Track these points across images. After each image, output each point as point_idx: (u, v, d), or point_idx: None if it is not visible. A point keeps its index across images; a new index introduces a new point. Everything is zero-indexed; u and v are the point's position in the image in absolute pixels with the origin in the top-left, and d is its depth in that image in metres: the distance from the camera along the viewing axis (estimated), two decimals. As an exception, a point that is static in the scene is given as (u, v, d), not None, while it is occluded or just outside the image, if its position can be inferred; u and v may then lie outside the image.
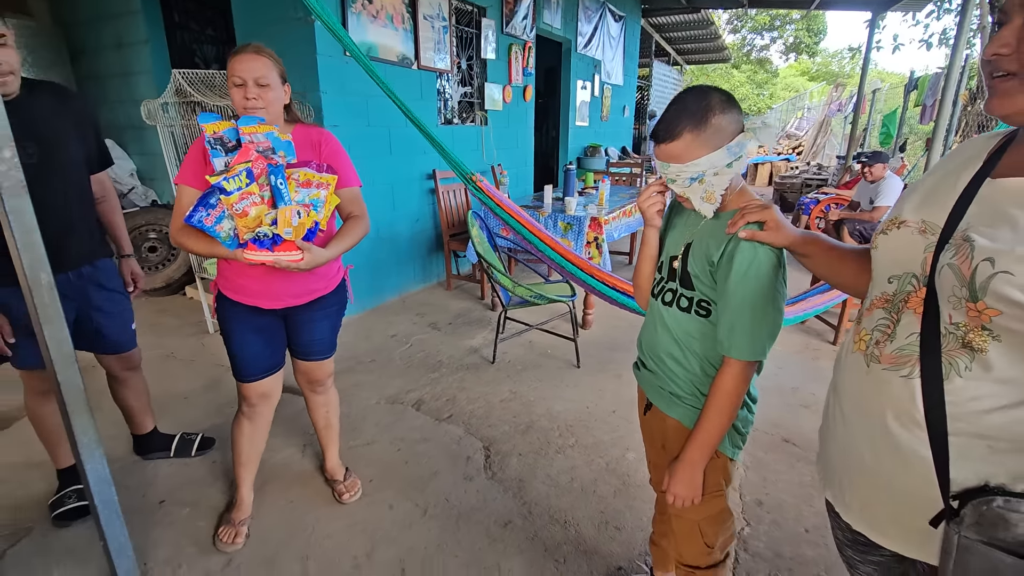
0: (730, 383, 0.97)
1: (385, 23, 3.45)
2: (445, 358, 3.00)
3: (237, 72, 1.37)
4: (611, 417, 2.42)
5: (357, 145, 3.42)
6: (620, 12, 7.01)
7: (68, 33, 4.03)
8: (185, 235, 1.41)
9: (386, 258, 3.85)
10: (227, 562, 1.61)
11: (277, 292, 1.53)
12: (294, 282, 1.53)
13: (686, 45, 11.32)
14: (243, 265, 1.45)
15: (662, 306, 1.10)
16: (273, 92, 1.41)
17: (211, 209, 1.31)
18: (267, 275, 1.49)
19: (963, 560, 0.64)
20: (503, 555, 1.65)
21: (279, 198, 1.32)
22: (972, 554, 0.63)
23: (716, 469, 1.07)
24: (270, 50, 1.45)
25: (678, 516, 1.13)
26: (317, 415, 1.87)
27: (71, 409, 1.25)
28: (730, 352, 0.96)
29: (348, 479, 1.91)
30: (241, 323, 1.56)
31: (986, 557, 0.62)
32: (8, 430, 2.26)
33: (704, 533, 1.11)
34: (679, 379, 1.09)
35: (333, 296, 1.67)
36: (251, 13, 3.20)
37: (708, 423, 1.00)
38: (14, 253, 1.13)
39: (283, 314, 1.60)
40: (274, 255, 1.32)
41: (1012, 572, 0.60)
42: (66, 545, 1.65)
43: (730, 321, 0.96)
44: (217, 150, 1.34)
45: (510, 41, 4.80)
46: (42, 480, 1.93)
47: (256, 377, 1.61)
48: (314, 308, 1.62)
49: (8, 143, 1.09)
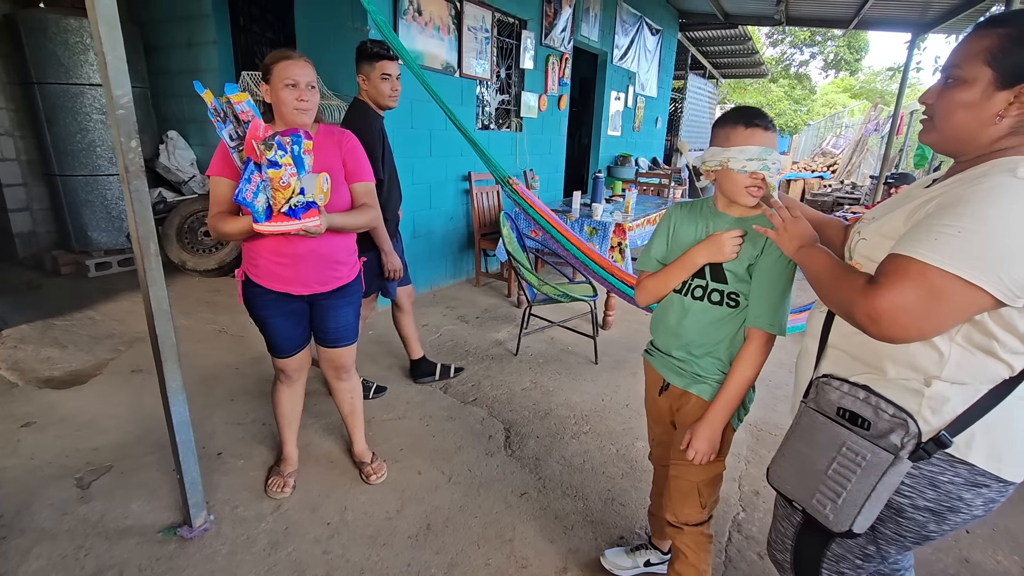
0: (756, 353, 1.19)
1: (432, 33, 3.69)
2: (472, 348, 3.21)
3: (292, 75, 1.51)
4: (624, 410, 2.58)
5: (400, 146, 3.67)
6: (657, 26, 7.16)
7: (143, 31, 4.40)
8: (220, 220, 1.53)
9: (421, 253, 4.08)
10: (277, 506, 1.84)
11: (306, 279, 1.65)
12: (321, 269, 1.66)
13: (723, 59, 11.34)
14: (276, 253, 1.59)
15: (692, 301, 1.26)
16: (317, 96, 1.59)
17: (248, 184, 1.38)
18: (298, 262, 1.61)
19: (799, 419, 0.99)
20: (518, 519, 1.84)
21: (300, 167, 1.38)
22: (804, 415, 0.97)
23: (726, 437, 1.27)
24: None
25: (680, 477, 1.31)
26: (342, 401, 1.97)
27: (164, 357, 1.49)
28: (762, 326, 1.16)
29: (375, 462, 2.04)
30: (272, 309, 1.69)
31: (810, 416, 0.96)
32: (86, 384, 2.55)
33: (701, 493, 1.29)
34: (705, 362, 1.27)
35: (355, 284, 1.80)
36: (312, 22, 3.48)
37: (733, 388, 1.20)
38: (132, 225, 1.38)
39: (309, 300, 1.72)
40: (302, 222, 1.41)
41: (818, 423, 0.94)
42: (141, 480, 1.91)
43: (763, 301, 1.17)
44: (219, 121, 1.41)
45: (548, 52, 5.01)
46: (116, 428, 2.21)
47: (290, 353, 1.79)
48: (338, 296, 1.74)
49: (135, 135, 1.34)
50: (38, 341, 2.96)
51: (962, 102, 0.84)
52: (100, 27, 1.23)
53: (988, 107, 0.82)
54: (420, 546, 1.70)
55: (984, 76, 0.81)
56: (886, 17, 6.67)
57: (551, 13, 4.90)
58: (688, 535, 1.32)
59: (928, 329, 0.79)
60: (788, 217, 1.07)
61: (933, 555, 1.77)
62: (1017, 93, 0.80)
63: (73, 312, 3.38)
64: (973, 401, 0.84)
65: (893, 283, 0.78)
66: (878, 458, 0.85)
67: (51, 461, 1.99)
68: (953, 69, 0.85)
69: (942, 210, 0.80)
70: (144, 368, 2.71)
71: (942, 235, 0.76)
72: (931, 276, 0.75)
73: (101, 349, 2.92)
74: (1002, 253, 0.74)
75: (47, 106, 3.90)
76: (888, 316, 0.77)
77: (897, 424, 0.84)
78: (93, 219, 4.16)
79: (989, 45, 0.80)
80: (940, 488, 0.87)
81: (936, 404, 0.85)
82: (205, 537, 1.68)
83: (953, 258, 0.74)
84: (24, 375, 2.60)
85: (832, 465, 0.90)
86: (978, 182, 0.79)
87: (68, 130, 3.95)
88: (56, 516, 1.73)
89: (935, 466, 0.86)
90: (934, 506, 0.88)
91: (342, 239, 1.70)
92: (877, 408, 0.87)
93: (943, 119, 0.87)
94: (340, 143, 1.67)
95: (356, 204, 1.70)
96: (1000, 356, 0.82)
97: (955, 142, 0.88)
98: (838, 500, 0.89)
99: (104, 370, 2.70)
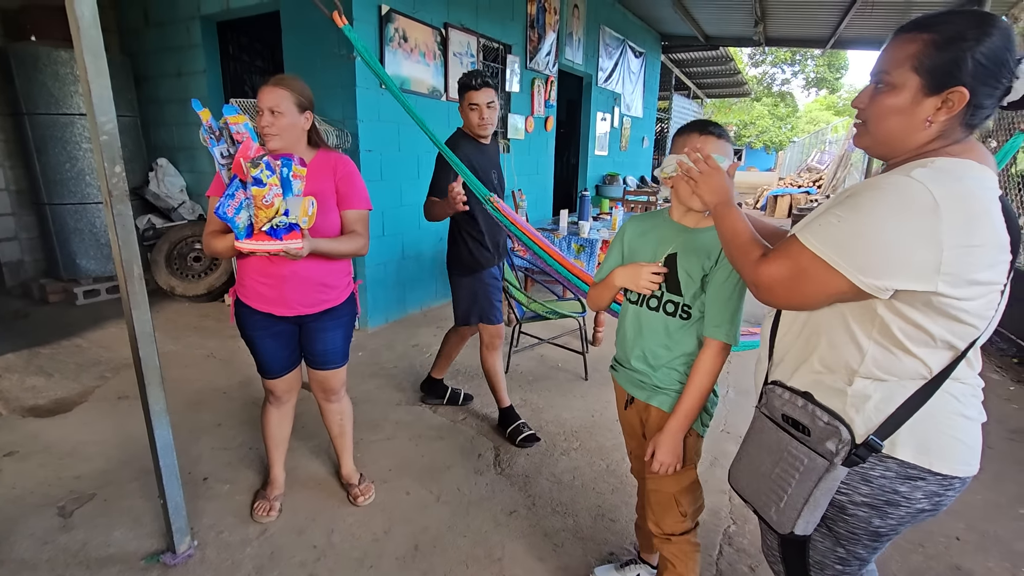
0: (711, 362, 1.20)
1: (418, 59, 3.77)
2: (462, 367, 3.20)
3: (259, 102, 1.55)
4: (614, 425, 2.58)
5: (389, 169, 3.72)
6: (640, 48, 7.34)
7: (135, 62, 4.47)
8: (212, 238, 1.58)
9: (411, 274, 4.10)
10: (263, 531, 1.81)
11: (290, 300, 1.64)
12: (306, 292, 1.65)
13: (706, 80, 11.62)
14: (261, 273, 1.61)
15: (647, 311, 1.29)
16: (286, 119, 1.54)
17: (230, 200, 1.41)
18: (282, 283, 1.62)
19: (753, 423, 1.05)
20: (507, 538, 1.82)
21: (287, 189, 1.39)
22: (757, 419, 1.03)
23: (690, 445, 1.27)
24: (295, 82, 1.58)
25: (657, 490, 1.31)
26: (332, 423, 1.95)
27: (147, 381, 1.49)
28: (718, 335, 1.18)
29: (363, 483, 2.01)
30: (260, 330, 1.70)
31: (760, 420, 1.02)
32: (71, 412, 2.52)
33: (679, 503, 1.29)
34: (662, 374, 1.28)
35: (344, 307, 1.77)
36: (299, 49, 3.55)
37: (690, 398, 1.21)
38: (115, 249, 1.39)
39: (297, 322, 1.72)
40: (283, 243, 1.41)
41: (767, 428, 0.99)
42: (124, 508, 1.88)
43: (719, 311, 1.19)
44: (212, 138, 1.47)
45: (533, 75, 5.12)
46: (100, 456, 2.18)
47: (278, 374, 1.78)
48: (326, 318, 1.73)
49: (119, 160, 1.36)
50: (23, 370, 2.94)
51: (893, 108, 0.85)
52: (85, 56, 1.26)
53: (918, 113, 0.84)
54: (408, 568, 1.68)
55: (912, 82, 0.83)
56: (861, 36, 6.88)
57: (535, 38, 5.02)
58: (675, 545, 1.32)
59: (796, 301, 0.90)
60: (707, 168, 1.08)
61: (924, 563, 1.77)
62: (944, 99, 0.81)
63: (60, 340, 3.36)
64: (900, 401, 0.86)
65: (776, 258, 0.88)
66: (815, 464, 0.89)
67: (33, 490, 1.96)
68: (883, 75, 0.86)
69: (841, 201, 0.85)
70: (130, 395, 2.69)
71: (826, 222, 0.84)
72: (803, 256, 0.84)
73: (87, 377, 2.90)
74: (866, 244, 0.79)
75: (36, 136, 3.93)
76: (765, 284, 0.89)
77: (831, 432, 0.88)
78: (82, 247, 4.16)
79: (915, 51, 0.82)
80: (873, 483, 0.89)
81: (858, 402, 0.88)
82: (189, 563, 1.65)
83: (825, 243, 0.82)
84: (8, 404, 2.57)
85: (775, 469, 0.94)
86: (878, 180, 0.82)
87: (57, 159, 3.98)
88: (37, 546, 1.70)
89: (866, 462, 0.88)
90: (871, 500, 0.90)
91: (331, 263, 1.68)
92: (814, 415, 0.90)
93: (875, 124, 0.89)
94: (335, 169, 1.65)
95: (346, 231, 1.68)
96: (912, 351, 0.85)
97: (886, 146, 0.90)
98: (780, 503, 0.93)
99: (90, 397, 2.68)
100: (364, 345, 3.50)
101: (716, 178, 1.07)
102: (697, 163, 1.09)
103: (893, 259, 0.78)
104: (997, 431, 2.67)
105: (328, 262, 1.66)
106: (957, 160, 0.82)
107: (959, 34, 0.79)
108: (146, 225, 4.30)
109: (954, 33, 0.80)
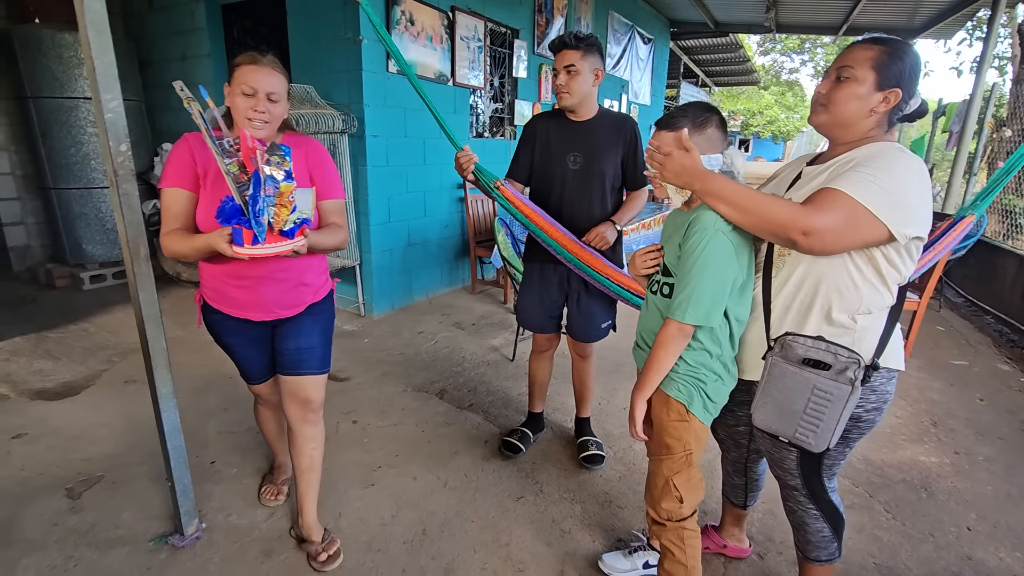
0: (663, 335, 1.21)
1: (425, 43, 3.72)
2: (468, 354, 3.20)
3: (250, 82, 1.32)
4: (622, 413, 2.57)
5: (395, 154, 3.69)
6: (649, 35, 7.24)
7: (139, 46, 4.43)
8: (178, 239, 1.34)
9: (416, 261, 4.08)
10: (270, 514, 1.81)
11: (267, 303, 1.48)
12: (284, 292, 1.49)
13: (715, 67, 11.47)
14: (235, 276, 1.43)
15: (650, 294, 1.36)
16: (280, 107, 1.39)
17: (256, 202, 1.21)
18: (258, 285, 1.45)
19: (770, 371, 1.18)
20: (515, 523, 1.82)
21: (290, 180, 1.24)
22: (775, 366, 1.18)
23: (686, 428, 1.26)
24: (280, 64, 1.41)
25: (653, 472, 1.34)
26: (302, 451, 1.61)
27: (155, 363, 1.48)
28: (673, 315, 1.18)
29: (326, 539, 1.63)
30: (236, 336, 1.55)
31: (780, 367, 1.16)
32: (78, 396, 2.53)
33: (675, 487, 1.29)
34: None
35: (323, 303, 1.61)
36: (305, 33, 3.51)
37: (645, 367, 1.26)
38: (121, 229, 1.37)
39: (272, 324, 1.55)
40: (294, 242, 1.27)
41: (788, 372, 1.15)
42: (132, 490, 1.89)
43: (678, 290, 1.19)
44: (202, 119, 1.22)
45: (541, 61, 5.05)
46: (108, 438, 2.19)
47: (261, 380, 1.68)
48: (301, 315, 1.55)
49: (124, 139, 1.34)
50: (31, 353, 2.94)
51: (854, 94, 1.10)
52: (89, 32, 1.24)
53: (869, 102, 1.10)
54: (416, 551, 1.68)
55: (870, 77, 1.09)
56: (875, 23, 6.76)
57: (543, 23, 4.95)
58: (671, 531, 1.32)
59: (837, 247, 1.07)
60: (661, 158, 1.18)
61: (935, 552, 1.76)
62: (886, 95, 1.09)
63: (67, 324, 3.37)
64: (882, 327, 1.15)
65: (829, 207, 1.03)
66: (841, 391, 1.10)
67: (42, 472, 1.97)
68: (848, 69, 1.11)
69: (862, 166, 1.06)
70: (137, 379, 2.69)
71: (864, 180, 1.03)
72: (854, 206, 1.02)
73: (94, 360, 2.90)
74: (900, 202, 1.02)
75: (42, 120, 3.91)
76: (819, 231, 1.03)
77: (851, 362, 1.09)
78: (88, 232, 4.15)
79: (874, 55, 1.08)
80: (877, 391, 1.18)
81: (861, 335, 1.14)
82: (197, 545, 1.65)
83: (869, 198, 1.02)
84: (16, 387, 2.58)
85: (808, 405, 1.14)
86: (883, 152, 1.07)
87: (63, 144, 3.96)
88: (46, 527, 1.70)
89: (872, 380, 1.15)
90: (876, 404, 1.19)
91: (309, 260, 1.52)
92: (836, 354, 1.11)
93: (837, 106, 1.12)
94: (307, 155, 1.49)
95: (324, 223, 1.51)
96: (889, 287, 1.13)
97: (840, 126, 1.15)
98: (817, 429, 1.14)
99: (97, 381, 2.68)
100: (370, 332, 3.49)
101: (670, 165, 1.17)
102: (651, 161, 1.21)
103: (917, 212, 1.04)
104: (1009, 422, 2.64)
105: (306, 259, 1.50)
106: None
107: (902, 50, 1.09)
108: (151, 210, 4.29)
109: (899, 49, 1.09)
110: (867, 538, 1.81)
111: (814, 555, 1.39)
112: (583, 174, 1.96)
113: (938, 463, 2.27)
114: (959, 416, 2.69)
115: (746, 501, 1.63)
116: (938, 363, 3.35)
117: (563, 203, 1.99)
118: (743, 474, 1.59)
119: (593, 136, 1.95)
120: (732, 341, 1.26)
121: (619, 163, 1.98)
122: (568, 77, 1.85)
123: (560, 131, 1.97)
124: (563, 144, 1.96)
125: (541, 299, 2.11)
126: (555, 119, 2.00)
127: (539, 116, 2.06)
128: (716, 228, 1.14)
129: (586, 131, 1.95)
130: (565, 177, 1.97)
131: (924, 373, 3.18)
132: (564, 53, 1.85)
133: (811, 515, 1.34)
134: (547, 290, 2.09)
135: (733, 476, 1.62)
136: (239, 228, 1.21)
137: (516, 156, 2.07)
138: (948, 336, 3.89)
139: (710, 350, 1.23)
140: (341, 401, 2.58)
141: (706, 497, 1.99)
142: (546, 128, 2.00)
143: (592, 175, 1.95)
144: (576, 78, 1.84)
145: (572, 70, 1.84)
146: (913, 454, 2.33)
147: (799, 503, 1.35)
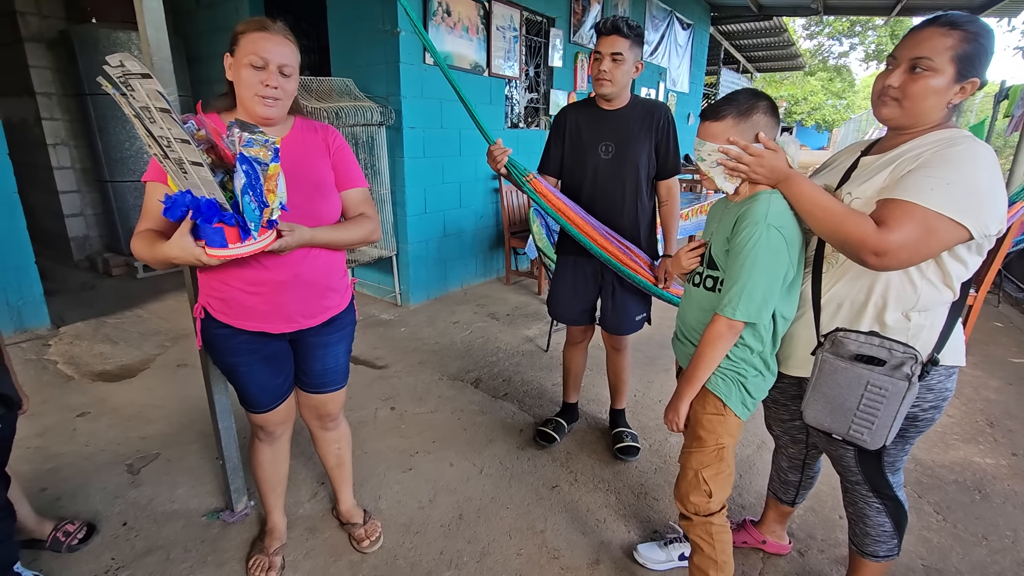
0: (712, 332, 1.18)
1: (461, 33, 3.73)
2: (503, 344, 3.22)
3: (260, 52, 1.15)
4: (657, 406, 2.55)
5: (432, 146, 3.72)
6: (688, 20, 7.05)
7: (187, 43, 4.60)
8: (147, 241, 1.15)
9: (451, 252, 4.12)
10: (314, 494, 1.88)
11: (290, 312, 1.29)
12: (310, 299, 1.32)
13: (757, 53, 11.09)
14: (249, 281, 1.23)
15: (691, 287, 1.34)
16: (293, 83, 1.22)
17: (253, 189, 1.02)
18: (279, 292, 1.25)
19: (821, 367, 1.16)
20: (549, 511, 1.83)
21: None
22: (825, 362, 1.15)
23: (720, 422, 1.24)
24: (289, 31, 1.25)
25: (683, 465, 1.33)
26: (328, 453, 1.62)
27: (208, 347, 1.54)
28: (723, 311, 1.15)
29: (368, 523, 1.67)
30: (246, 355, 1.32)
31: (831, 363, 1.14)
32: (135, 378, 2.67)
33: (704, 480, 1.27)
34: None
35: (346, 314, 1.46)
36: (344, 26, 3.56)
37: (692, 363, 1.22)
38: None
39: (291, 337, 1.37)
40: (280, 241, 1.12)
41: (840, 368, 1.12)
42: (186, 467, 1.99)
43: (728, 285, 1.16)
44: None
45: (577, 50, 4.99)
46: (163, 418, 2.31)
47: (271, 407, 1.42)
48: (327, 331, 1.40)
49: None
50: (92, 337, 3.12)
51: (933, 89, 1.03)
52: (148, 30, 1.30)
53: (947, 95, 1.04)
54: (452, 535, 1.72)
55: (951, 70, 1.02)
56: (932, 2, 6.40)
57: (579, 11, 4.88)
58: (699, 526, 1.31)
59: (913, 261, 1.02)
60: (750, 159, 1.14)
61: (989, 556, 1.69)
62: (963, 86, 1.03)
63: (123, 311, 3.55)
64: (942, 323, 1.11)
65: (902, 224, 0.98)
66: (897, 387, 1.07)
67: (104, 448, 2.10)
68: (925, 60, 1.02)
69: (929, 167, 1.00)
70: (188, 363, 2.82)
71: (936, 186, 0.97)
72: (930, 217, 0.97)
73: (149, 345, 3.06)
74: (980, 200, 0.97)
75: (99, 116, 4.11)
76: (892, 251, 0.98)
77: (908, 358, 1.06)
78: (141, 223, 4.36)
79: (954, 43, 1.00)
80: (935, 389, 1.15)
81: (916, 332, 1.11)
82: (246, 522, 1.74)
83: (946, 204, 0.96)
84: (79, 369, 2.74)
85: (862, 401, 1.11)
86: (951, 145, 1.01)
87: (118, 138, 4.16)
88: (109, 499, 1.82)
89: (930, 377, 1.12)
90: (935, 403, 1.16)
91: (334, 261, 1.37)
92: (891, 350, 1.08)
93: (913, 100, 1.05)
94: (327, 141, 1.36)
95: (350, 214, 1.39)
96: (952, 285, 1.09)
97: (915, 118, 1.08)
98: (872, 426, 1.11)
99: (152, 364, 2.83)
100: (406, 321, 3.56)
101: (760, 166, 1.13)
102: (741, 156, 1.14)
103: (995, 208, 0.99)
104: (1073, 424, 2.50)
105: (331, 258, 1.35)
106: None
107: (983, 35, 1.00)
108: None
109: (979, 33, 1.00)
110: (915, 539, 1.75)
111: (871, 549, 1.33)
112: (616, 163, 1.91)
113: (994, 464, 2.17)
114: (1018, 416, 2.56)
115: (796, 499, 1.59)
116: (995, 360, 3.19)
117: (596, 194, 1.94)
118: (799, 471, 1.55)
119: (625, 124, 1.89)
120: (775, 339, 1.24)
121: (652, 151, 1.93)
122: (614, 66, 1.78)
123: (591, 120, 1.92)
124: (594, 134, 1.91)
125: (575, 291, 2.09)
126: (585, 108, 1.95)
127: (568, 107, 2.02)
128: (768, 222, 1.10)
129: (618, 119, 1.89)
130: (597, 167, 1.92)
131: (980, 371, 3.03)
132: (614, 39, 1.76)
133: (873, 507, 1.30)
134: (580, 282, 2.07)
135: (788, 472, 1.57)
136: (220, 227, 1.03)
137: (547, 149, 2.04)
138: (1007, 332, 3.69)
139: (752, 346, 1.21)
140: (380, 388, 2.65)
141: (745, 492, 1.97)
142: (576, 118, 1.95)
143: (625, 164, 1.90)
144: (621, 67, 1.78)
145: (619, 59, 1.77)
146: (967, 454, 2.23)
147: (861, 496, 1.32)
